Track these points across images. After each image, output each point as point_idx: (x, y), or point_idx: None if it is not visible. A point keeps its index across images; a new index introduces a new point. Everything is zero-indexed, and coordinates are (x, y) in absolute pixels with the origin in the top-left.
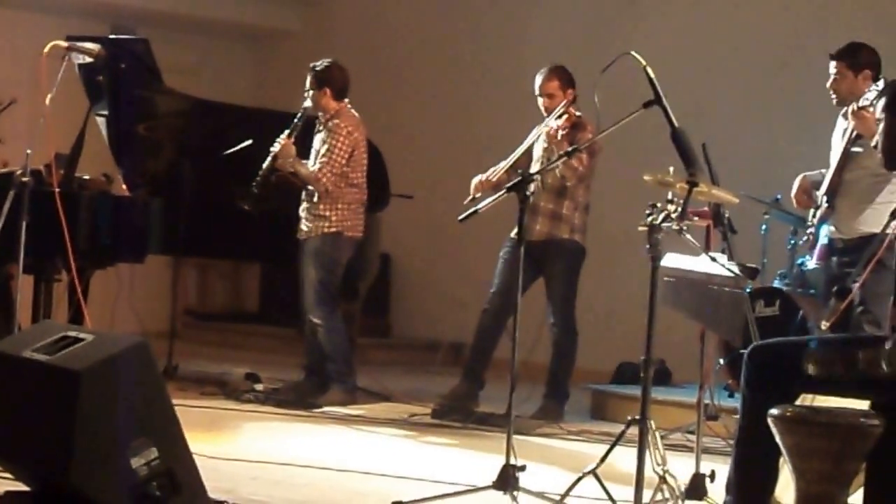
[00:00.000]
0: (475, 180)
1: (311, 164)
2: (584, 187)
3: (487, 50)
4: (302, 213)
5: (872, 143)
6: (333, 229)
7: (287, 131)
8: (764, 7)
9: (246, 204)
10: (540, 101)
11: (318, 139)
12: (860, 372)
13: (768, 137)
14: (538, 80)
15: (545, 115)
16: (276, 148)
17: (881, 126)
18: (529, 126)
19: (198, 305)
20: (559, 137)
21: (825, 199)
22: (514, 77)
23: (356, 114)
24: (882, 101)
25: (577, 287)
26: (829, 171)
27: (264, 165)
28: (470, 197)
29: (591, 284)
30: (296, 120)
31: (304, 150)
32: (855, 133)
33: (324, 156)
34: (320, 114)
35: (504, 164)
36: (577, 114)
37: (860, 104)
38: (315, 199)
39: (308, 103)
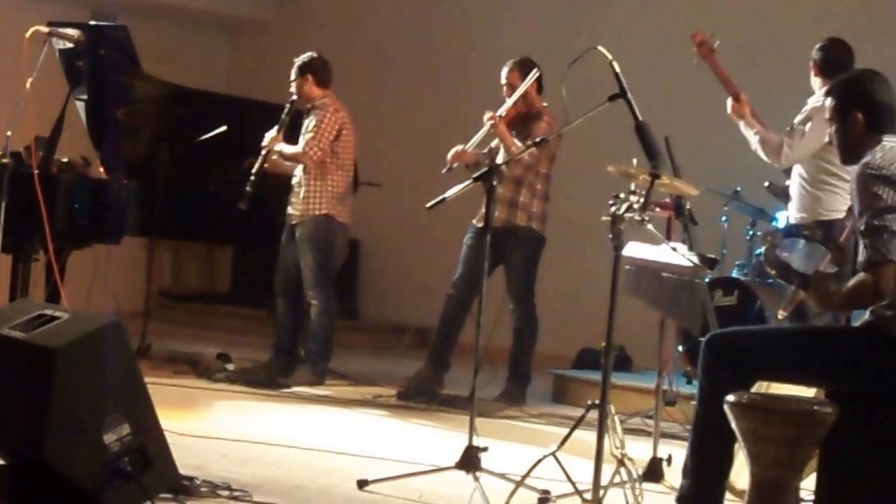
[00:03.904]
0: (452, 151)
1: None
2: (543, 178)
3: (458, 41)
4: (291, 198)
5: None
6: (324, 212)
7: (276, 126)
8: (729, 2)
9: (242, 204)
10: (504, 90)
11: (305, 126)
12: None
13: (730, 132)
14: (504, 71)
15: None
16: (265, 143)
17: (833, 126)
18: None
19: (171, 286)
20: (488, 126)
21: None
22: (484, 68)
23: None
24: (830, 102)
25: (536, 274)
26: None
27: (257, 164)
28: (447, 167)
29: (554, 272)
30: (283, 115)
31: (292, 143)
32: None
33: (310, 131)
34: (306, 104)
35: (477, 139)
36: (544, 104)
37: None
38: (302, 183)
39: (295, 95)
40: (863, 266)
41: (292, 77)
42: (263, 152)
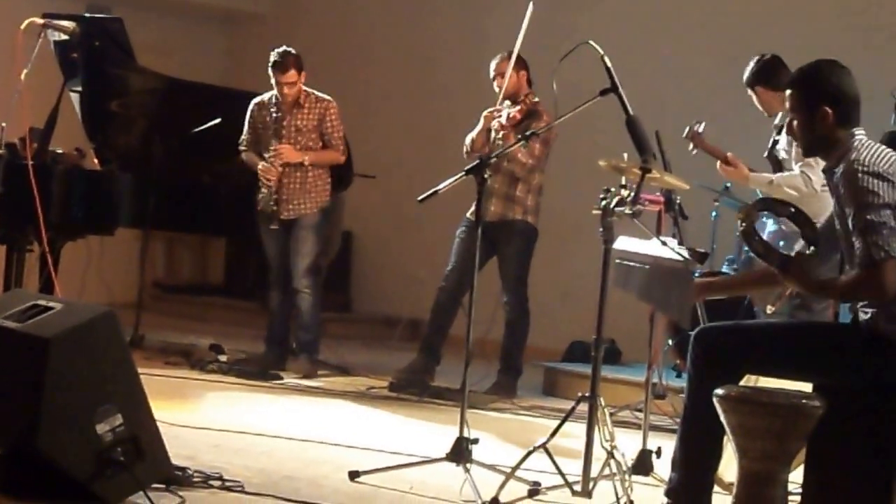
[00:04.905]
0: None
1: (286, 143)
2: (539, 172)
3: (450, 35)
4: (290, 193)
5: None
6: (326, 204)
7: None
8: (717, 1)
9: (275, 225)
10: (494, 82)
11: (300, 118)
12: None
13: (719, 126)
14: (492, 64)
15: (498, 95)
16: (285, 158)
17: (797, 120)
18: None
19: (165, 278)
20: (507, 130)
21: None
22: (475, 61)
23: None
24: (791, 93)
25: (530, 267)
26: None
27: (270, 181)
28: (480, 127)
29: (545, 265)
30: (273, 121)
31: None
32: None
33: (335, 132)
34: (284, 94)
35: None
36: (536, 99)
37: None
38: (308, 177)
39: (268, 95)
40: (863, 263)
41: (291, 75)
42: (279, 166)
